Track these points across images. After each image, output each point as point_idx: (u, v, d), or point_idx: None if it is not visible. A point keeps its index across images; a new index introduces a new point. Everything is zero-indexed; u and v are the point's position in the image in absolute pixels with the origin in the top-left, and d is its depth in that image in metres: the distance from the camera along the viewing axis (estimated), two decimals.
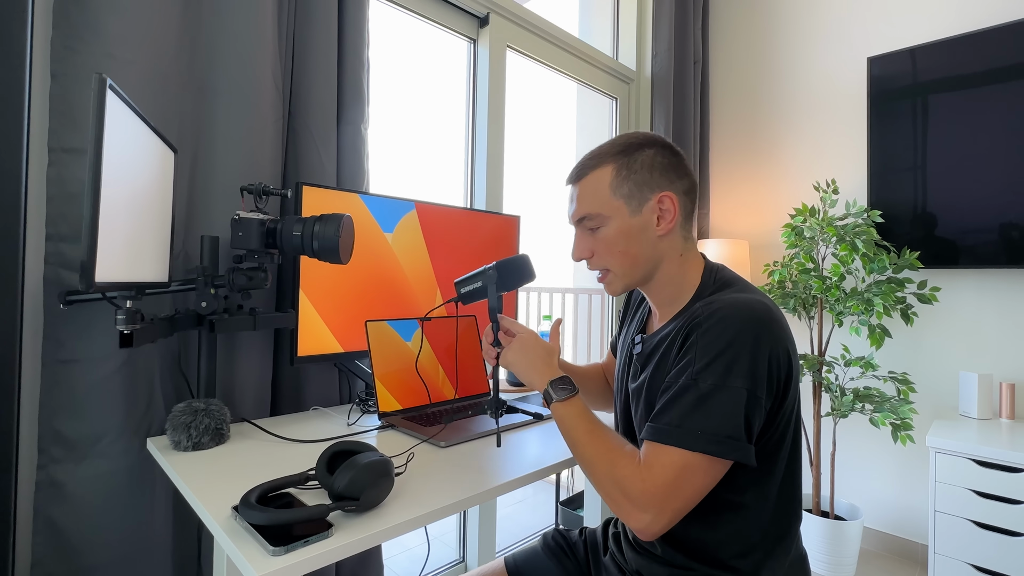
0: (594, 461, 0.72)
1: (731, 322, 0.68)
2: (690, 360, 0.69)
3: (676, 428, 0.67)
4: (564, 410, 0.77)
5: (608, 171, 0.79)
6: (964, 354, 1.97)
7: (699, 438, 0.65)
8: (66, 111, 0.92)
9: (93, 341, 0.94)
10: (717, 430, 0.65)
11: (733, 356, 0.67)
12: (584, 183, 0.81)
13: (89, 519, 0.93)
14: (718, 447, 0.65)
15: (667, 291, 0.83)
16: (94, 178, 0.66)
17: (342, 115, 1.30)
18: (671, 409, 0.68)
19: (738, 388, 0.66)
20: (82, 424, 0.93)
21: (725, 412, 0.66)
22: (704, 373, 0.67)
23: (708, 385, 0.67)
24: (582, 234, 0.83)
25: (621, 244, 0.79)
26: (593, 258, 0.83)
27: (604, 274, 0.83)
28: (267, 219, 1.00)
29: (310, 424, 1.08)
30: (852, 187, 2.22)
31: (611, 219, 0.79)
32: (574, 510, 2.04)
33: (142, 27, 0.98)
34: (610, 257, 0.81)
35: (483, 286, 0.90)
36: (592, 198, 0.80)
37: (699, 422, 0.66)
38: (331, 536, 0.61)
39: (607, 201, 0.79)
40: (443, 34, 1.78)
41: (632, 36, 2.48)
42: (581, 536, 1.01)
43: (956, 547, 1.58)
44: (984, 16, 1.93)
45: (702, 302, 0.75)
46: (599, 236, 0.81)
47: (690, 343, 0.71)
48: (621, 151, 0.80)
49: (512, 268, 0.90)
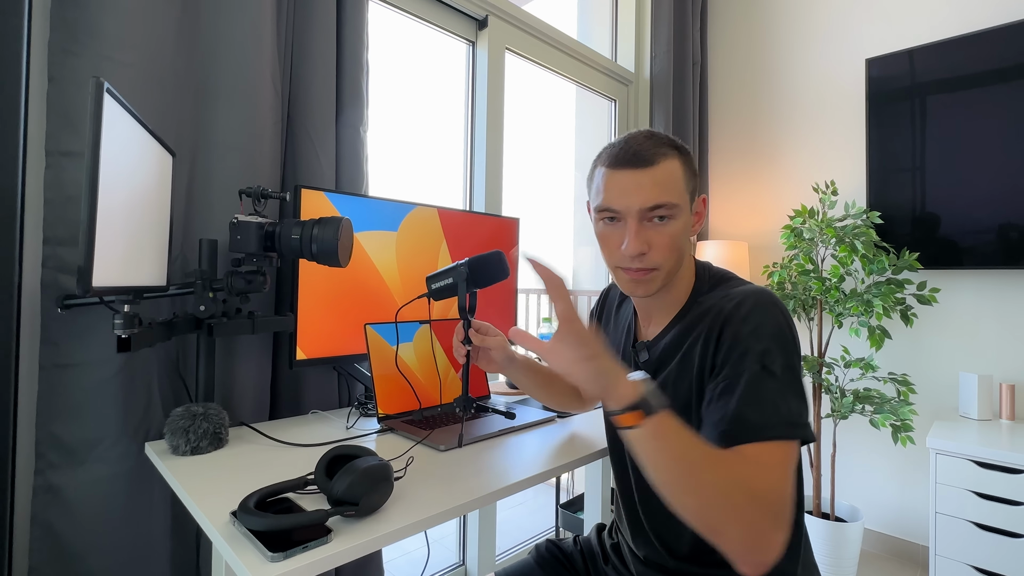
0: (729, 481, 0.58)
1: (768, 308, 0.68)
2: (744, 351, 0.66)
3: (773, 419, 0.62)
4: (669, 422, 0.60)
5: (677, 163, 0.75)
6: (964, 355, 1.97)
7: (794, 426, 0.62)
8: (64, 114, 0.91)
9: (91, 345, 0.93)
10: (801, 413, 0.63)
11: (785, 338, 0.67)
12: (660, 169, 0.73)
13: (87, 525, 0.93)
14: (806, 430, 0.63)
15: (673, 293, 0.80)
16: (91, 182, 0.66)
17: (341, 118, 1.30)
18: (754, 402, 0.63)
19: (799, 367, 0.67)
20: (80, 429, 0.92)
21: (799, 393, 0.65)
22: (769, 358, 0.65)
23: (779, 368, 0.64)
24: (641, 226, 0.74)
25: (680, 240, 0.75)
26: (649, 253, 0.74)
27: (646, 272, 0.75)
28: (266, 222, 1.00)
29: (309, 428, 1.08)
30: (851, 188, 2.22)
31: (683, 213, 0.75)
32: (574, 513, 2.03)
33: (140, 30, 0.98)
34: (669, 254, 0.74)
35: (454, 282, 0.90)
36: (672, 187, 0.73)
37: (786, 408, 0.63)
38: (330, 541, 0.61)
39: (682, 193, 0.74)
40: (442, 36, 1.78)
41: (631, 38, 2.48)
42: (576, 546, 0.99)
43: (957, 549, 1.58)
44: (981, 18, 1.94)
45: (707, 300, 0.74)
46: (666, 230, 0.73)
47: (731, 335, 0.68)
48: (676, 146, 0.76)
49: (484, 265, 0.90)
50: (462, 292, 0.89)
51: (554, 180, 4.05)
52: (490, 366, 0.98)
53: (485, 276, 0.90)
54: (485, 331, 0.96)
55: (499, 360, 0.96)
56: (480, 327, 0.96)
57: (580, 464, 0.95)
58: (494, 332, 0.97)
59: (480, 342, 0.94)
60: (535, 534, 2.23)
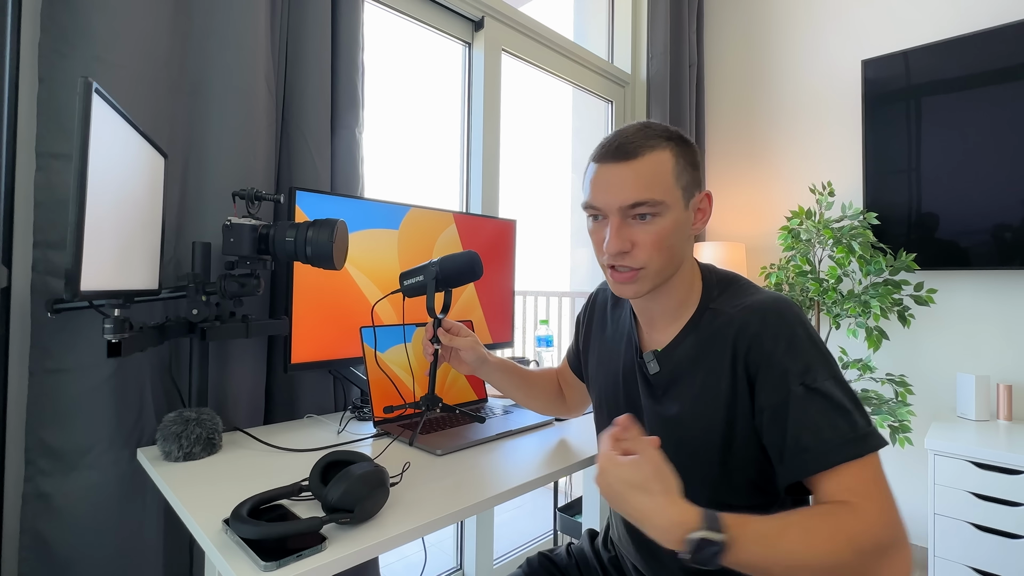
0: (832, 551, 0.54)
1: (790, 320, 0.66)
2: (782, 371, 0.63)
3: (833, 441, 0.59)
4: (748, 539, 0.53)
5: (668, 155, 0.70)
6: (961, 356, 1.97)
7: (856, 441, 0.60)
8: (54, 116, 0.90)
9: (82, 350, 0.92)
10: (859, 423, 0.61)
11: (819, 348, 0.65)
12: (643, 164, 0.69)
13: (77, 533, 0.91)
14: (872, 439, 0.60)
15: (676, 296, 0.76)
16: (79, 185, 0.65)
17: (336, 119, 1.29)
18: (822, 425, 0.60)
19: (840, 374, 0.65)
20: (70, 435, 0.91)
21: (853, 401, 0.62)
22: (810, 376, 0.62)
23: (822, 382, 0.62)
24: (623, 223, 0.70)
25: (671, 239, 0.70)
26: (632, 252, 0.70)
27: (633, 272, 0.71)
28: (259, 225, 0.98)
29: (304, 432, 1.07)
30: (848, 189, 2.22)
31: (670, 210, 0.69)
32: (572, 516, 2.02)
33: (132, 30, 0.96)
34: (655, 253, 0.70)
35: (424, 281, 0.89)
36: (655, 182, 0.69)
37: (844, 424, 0.60)
38: (325, 550, 0.60)
39: (670, 189, 0.69)
40: (438, 38, 1.77)
41: (627, 39, 2.48)
42: (571, 558, 0.96)
43: (956, 550, 1.57)
44: (976, 19, 1.94)
45: (721, 307, 0.72)
46: (650, 227, 0.69)
47: (767, 355, 0.65)
48: (670, 137, 0.71)
49: (456, 265, 0.90)
50: (430, 291, 0.90)
51: (551, 182, 4.05)
52: (461, 367, 0.97)
53: (456, 276, 0.91)
54: (456, 331, 0.95)
55: (470, 361, 0.95)
56: (451, 327, 0.95)
57: (578, 468, 0.94)
58: (465, 332, 0.96)
59: (448, 342, 0.93)
60: (533, 538, 2.22)
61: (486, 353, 0.96)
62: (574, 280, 2.99)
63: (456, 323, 0.96)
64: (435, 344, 0.92)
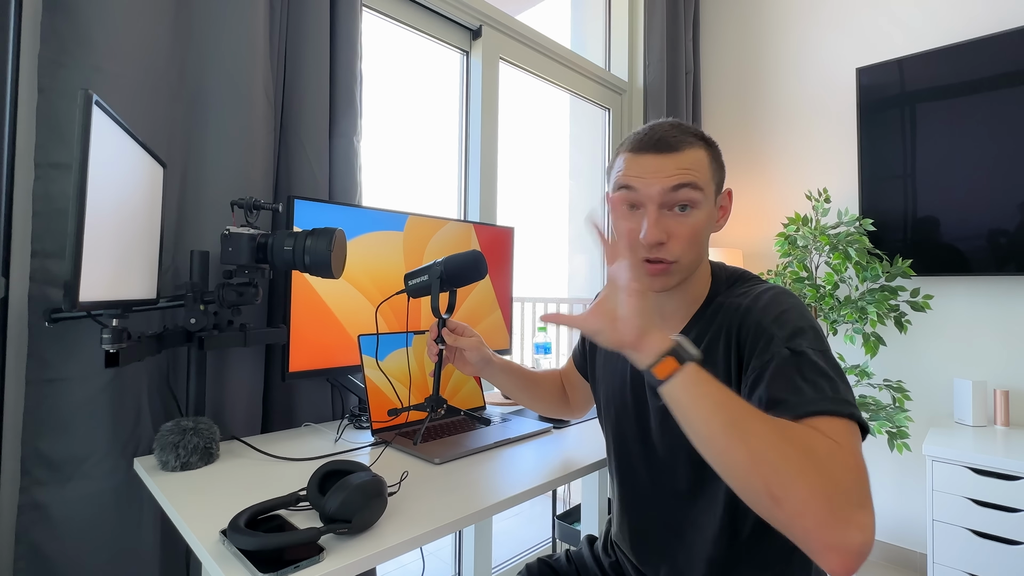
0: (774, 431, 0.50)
1: (787, 297, 0.66)
2: (769, 337, 0.62)
3: (814, 396, 0.55)
4: (705, 374, 0.56)
5: (703, 152, 0.72)
6: (958, 361, 1.97)
7: (845, 402, 0.55)
8: (54, 125, 0.90)
9: (79, 359, 0.91)
10: (847, 391, 0.57)
11: (811, 321, 0.64)
12: (685, 156, 0.71)
13: (73, 543, 0.90)
14: (859, 412, 0.56)
15: (692, 292, 0.77)
16: (79, 197, 0.65)
17: (334, 128, 1.30)
18: (789, 387, 0.57)
19: (831, 352, 0.61)
20: (67, 444, 0.91)
21: (840, 374, 0.59)
22: (795, 341, 0.60)
23: (808, 348, 0.59)
24: (661, 214, 0.70)
25: (703, 234, 0.72)
26: (668, 244, 0.70)
27: (666, 266, 0.71)
28: (258, 234, 0.99)
29: (302, 441, 1.06)
30: (844, 196, 2.23)
31: (706, 203, 0.71)
32: (571, 524, 2.02)
33: (131, 41, 0.97)
34: (689, 247, 0.71)
35: (429, 280, 0.89)
36: (698, 172, 0.70)
37: (829, 387, 0.56)
38: (323, 560, 0.60)
39: (708, 182, 0.72)
40: (436, 46, 1.78)
41: (624, 47, 2.49)
42: (570, 564, 0.96)
43: (955, 556, 1.57)
44: (970, 27, 1.96)
45: (726, 299, 0.73)
46: (688, 220, 0.70)
47: (755, 324, 0.64)
48: (703, 137, 0.74)
49: (460, 264, 0.90)
50: (435, 291, 0.89)
51: (549, 189, 4.06)
52: (465, 367, 0.95)
53: (461, 276, 0.90)
54: (461, 331, 0.94)
55: (474, 361, 0.93)
56: (456, 327, 0.94)
57: (576, 476, 0.93)
58: (470, 332, 0.94)
59: (453, 342, 0.92)
60: (532, 545, 2.21)
61: (491, 354, 0.95)
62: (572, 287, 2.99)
63: (461, 323, 0.95)
64: (440, 344, 0.91)
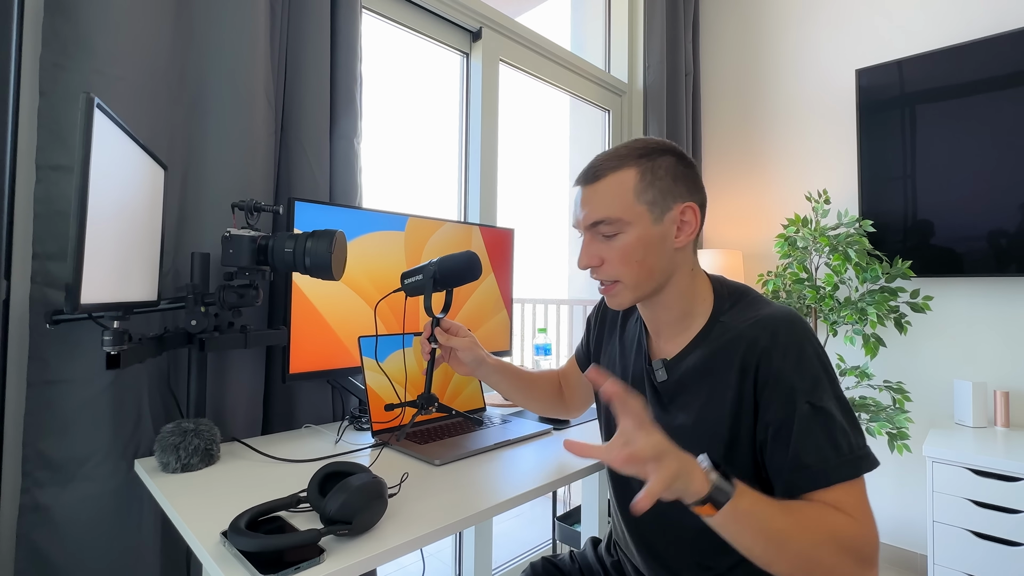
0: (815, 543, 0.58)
1: (803, 336, 0.68)
2: (790, 388, 0.65)
3: (834, 461, 0.62)
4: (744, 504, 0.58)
5: (631, 174, 0.74)
6: (958, 362, 1.97)
7: (857, 461, 0.62)
8: (54, 128, 0.91)
9: (80, 361, 0.92)
10: (860, 444, 0.64)
11: (826, 366, 0.67)
12: (602, 185, 0.75)
13: (74, 544, 0.91)
14: (868, 461, 0.63)
15: (678, 307, 0.78)
16: (80, 199, 0.65)
17: (335, 130, 1.30)
18: (812, 447, 0.63)
19: (842, 392, 0.66)
20: (68, 446, 0.91)
21: (852, 422, 0.65)
22: (816, 394, 0.64)
23: (828, 401, 0.64)
24: (592, 240, 0.76)
25: (639, 254, 0.74)
26: (603, 267, 0.76)
27: (611, 285, 0.77)
28: (258, 236, 0.99)
29: (302, 443, 1.06)
30: (843, 197, 2.23)
31: (632, 226, 0.73)
32: (571, 525, 2.02)
33: (132, 44, 0.97)
34: (624, 267, 0.74)
35: (424, 280, 0.90)
36: (613, 202, 0.74)
37: (846, 444, 0.63)
38: (323, 562, 0.60)
39: (629, 206, 0.73)
40: (436, 48, 1.79)
41: (624, 49, 2.50)
42: (574, 563, 0.97)
43: (955, 558, 1.57)
44: (969, 29, 1.97)
45: (731, 320, 0.73)
46: (615, 244, 0.74)
47: (776, 371, 0.66)
48: (643, 154, 0.75)
49: (454, 265, 0.91)
50: (428, 291, 0.90)
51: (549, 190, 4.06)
52: (459, 367, 0.96)
53: (455, 276, 0.91)
54: (455, 331, 0.94)
55: (467, 361, 0.93)
56: (450, 327, 0.94)
57: (577, 478, 0.94)
58: (464, 332, 0.95)
59: (446, 341, 0.92)
60: (532, 547, 2.21)
61: (485, 354, 0.95)
62: (572, 288, 2.99)
63: (455, 323, 0.95)
64: (432, 343, 0.92)
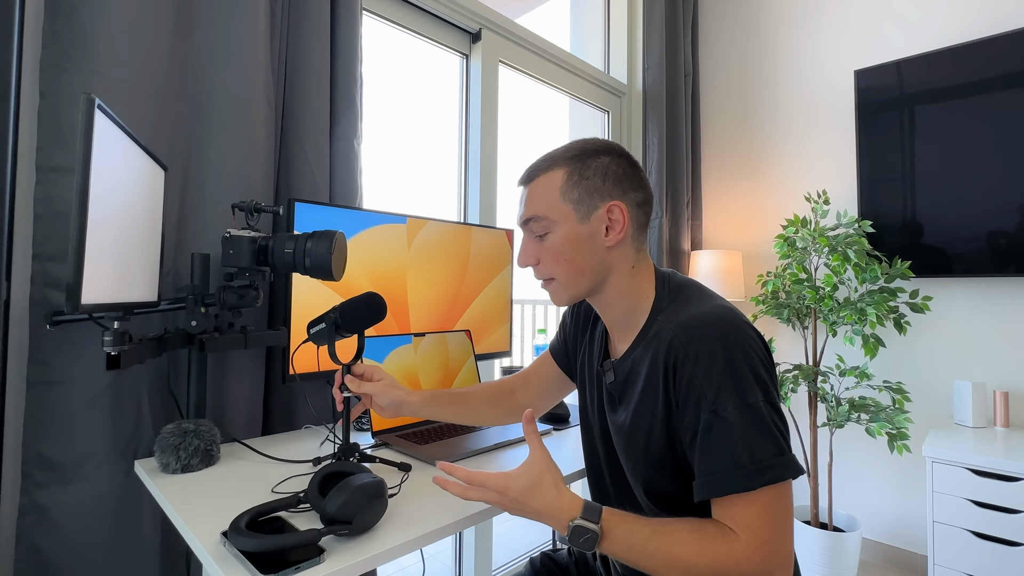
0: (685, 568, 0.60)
1: (716, 340, 0.65)
2: (698, 396, 0.64)
3: (748, 468, 0.60)
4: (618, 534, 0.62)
5: (559, 175, 0.75)
6: (957, 362, 1.98)
7: (756, 473, 0.60)
8: (55, 129, 0.91)
9: (80, 362, 0.92)
10: (762, 455, 0.61)
11: (736, 372, 0.63)
12: (534, 185, 0.77)
13: (73, 545, 0.91)
14: (776, 471, 0.60)
15: (620, 305, 0.78)
16: (81, 200, 0.65)
17: (335, 130, 1.30)
18: (718, 454, 0.62)
19: (758, 400, 0.62)
20: (68, 447, 0.91)
21: (763, 431, 0.61)
22: (720, 402, 0.62)
23: (730, 410, 0.62)
24: (529, 239, 0.78)
25: (567, 252, 0.75)
26: (540, 265, 0.78)
27: (548, 283, 0.79)
28: (258, 236, 0.99)
29: (302, 443, 1.07)
30: (843, 197, 2.24)
31: (558, 225, 0.75)
32: None
33: (132, 45, 0.98)
34: (555, 265, 0.76)
35: (326, 328, 0.87)
36: (540, 201, 0.76)
37: (746, 454, 0.61)
38: (323, 562, 0.60)
39: (555, 206, 0.75)
40: (436, 49, 1.79)
41: (623, 50, 2.50)
42: (571, 556, 0.98)
43: (955, 558, 1.57)
44: (968, 30, 1.97)
45: (664, 319, 0.71)
46: (546, 243, 0.76)
47: (687, 378, 0.65)
48: (575, 156, 0.76)
49: (352, 309, 0.87)
50: (331, 339, 0.87)
51: None
52: (381, 412, 0.89)
53: (356, 320, 0.87)
54: (369, 375, 0.89)
55: (385, 405, 0.88)
56: (363, 371, 0.89)
57: (577, 478, 0.94)
58: (378, 376, 0.89)
59: (358, 388, 0.87)
60: (532, 547, 2.21)
61: (403, 393, 0.89)
62: None
63: (369, 367, 0.91)
64: (344, 392, 0.87)
